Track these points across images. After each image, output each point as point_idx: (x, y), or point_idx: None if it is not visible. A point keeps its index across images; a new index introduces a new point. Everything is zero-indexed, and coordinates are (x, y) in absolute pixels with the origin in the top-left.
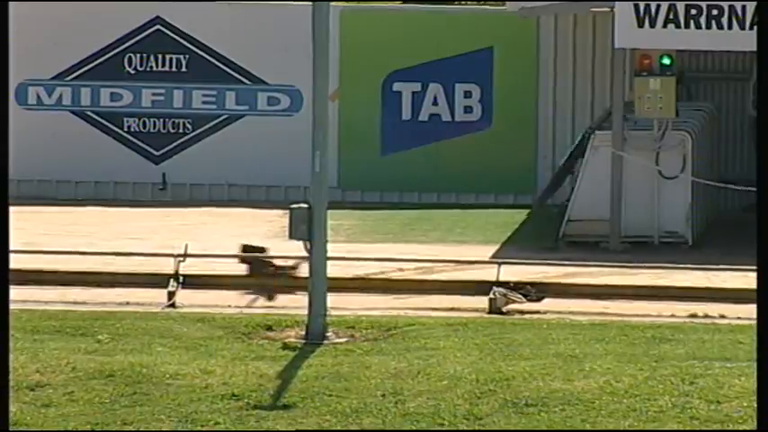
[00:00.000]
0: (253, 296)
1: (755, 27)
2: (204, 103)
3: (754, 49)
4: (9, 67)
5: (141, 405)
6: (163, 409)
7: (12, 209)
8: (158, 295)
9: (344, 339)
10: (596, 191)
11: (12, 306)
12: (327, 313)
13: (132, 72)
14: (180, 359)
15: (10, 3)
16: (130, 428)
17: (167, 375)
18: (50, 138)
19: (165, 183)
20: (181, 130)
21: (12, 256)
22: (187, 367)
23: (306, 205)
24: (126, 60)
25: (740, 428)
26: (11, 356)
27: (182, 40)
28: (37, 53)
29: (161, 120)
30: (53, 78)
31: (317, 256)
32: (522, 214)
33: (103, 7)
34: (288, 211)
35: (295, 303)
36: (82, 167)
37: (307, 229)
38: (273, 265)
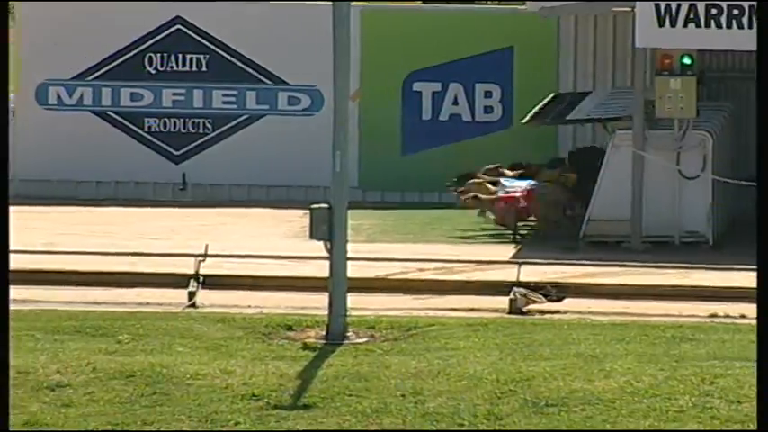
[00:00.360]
0: None
1: None
2: (225, 102)
3: None
4: (9, 67)
5: (161, 405)
6: (183, 410)
7: (31, 209)
8: (179, 295)
9: (365, 339)
10: (617, 191)
11: (32, 306)
12: (347, 313)
13: (153, 72)
14: (200, 359)
15: (29, 2)
16: (151, 428)
17: (188, 375)
18: (71, 138)
19: (185, 183)
20: (201, 130)
21: (31, 256)
22: (207, 367)
23: (326, 205)
24: (146, 60)
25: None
26: (31, 357)
27: (202, 40)
28: (57, 53)
29: (181, 120)
30: (74, 78)
31: (337, 257)
32: None
33: (124, 7)
34: (308, 212)
35: (316, 303)
36: (102, 167)
37: (327, 229)
38: None
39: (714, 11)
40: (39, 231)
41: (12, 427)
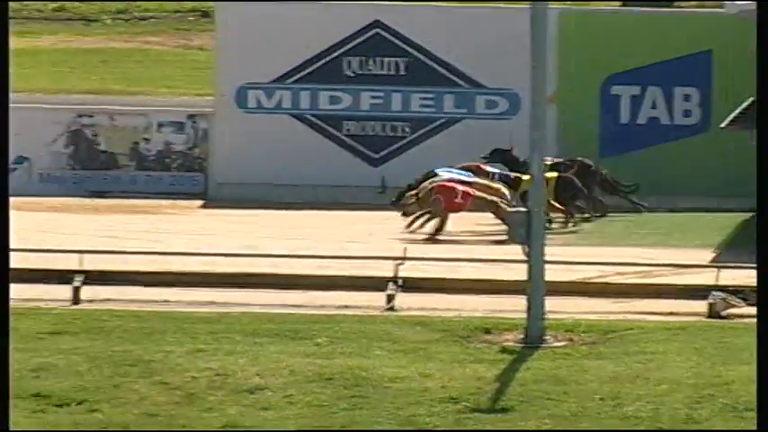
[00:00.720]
0: None
1: None
2: (422, 106)
3: None
4: (9, 67)
5: (360, 408)
6: (381, 412)
7: (230, 212)
8: (377, 298)
9: (563, 343)
10: None
11: (231, 309)
12: (545, 317)
13: (351, 75)
14: (398, 362)
15: (227, 7)
16: (349, 431)
17: (386, 378)
18: (269, 141)
19: (384, 186)
20: (399, 134)
21: (230, 259)
22: (406, 370)
23: (524, 209)
24: (345, 64)
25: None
26: (230, 359)
27: (400, 44)
28: (257, 57)
29: (380, 123)
30: (273, 82)
31: (535, 260)
32: (742, 218)
33: (323, 10)
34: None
35: (514, 307)
36: (301, 171)
37: (525, 232)
38: None
39: None
40: (238, 234)
41: (210, 428)
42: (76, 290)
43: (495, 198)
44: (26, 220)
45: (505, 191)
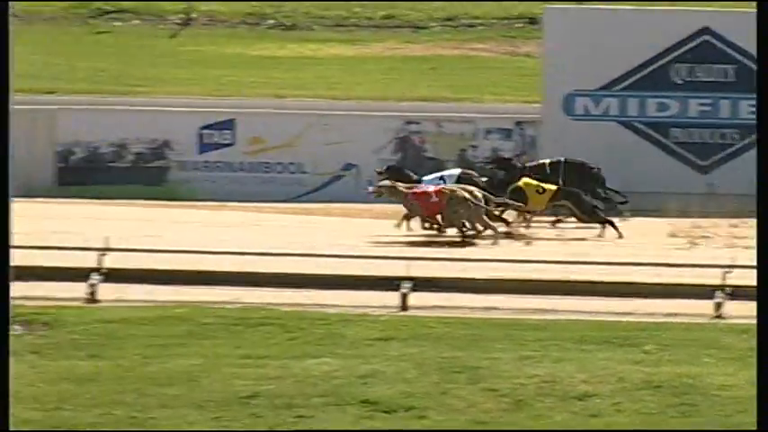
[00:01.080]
0: None
1: None
2: (752, 113)
3: None
4: (9, 67)
5: (689, 416)
6: (710, 420)
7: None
8: (705, 306)
9: None
10: None
11: (557, 316)
12: None
13: (679, 82)
14: (726, 370)
15: (555, 14)
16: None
17: (714, 386)
18: (598, 148)
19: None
20: (728, 141)
21: (556, 266)
22: (734, 378)
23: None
24: (673, 71)
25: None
26: (558, 366)
27: (729, 51)
28: (584, 64)
29: (708, 130)
30: (600, 89)
31: None
32: None
33: (651, 17)
34: None
35: None
36: (630, 178)
37: None
38: None
39: None
40: (571, 243)
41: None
42: (404, 296)
43: (465, 194)
44: (354, 227)
45: (478, 193)
